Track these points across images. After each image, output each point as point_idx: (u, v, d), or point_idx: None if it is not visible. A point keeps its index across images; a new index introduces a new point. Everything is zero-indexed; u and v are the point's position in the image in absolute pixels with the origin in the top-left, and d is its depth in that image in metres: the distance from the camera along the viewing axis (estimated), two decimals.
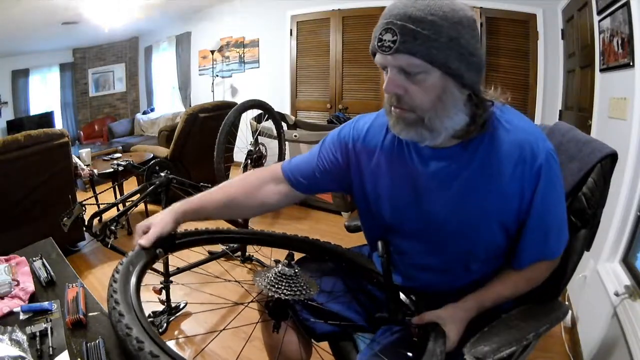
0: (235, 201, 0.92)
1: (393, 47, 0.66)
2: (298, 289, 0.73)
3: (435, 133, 0.71)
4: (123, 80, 6.52)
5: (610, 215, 1.41)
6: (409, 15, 0.65)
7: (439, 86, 0.68)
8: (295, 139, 3.28)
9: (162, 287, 1.78)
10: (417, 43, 0.65)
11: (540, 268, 0.80)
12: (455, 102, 0.70)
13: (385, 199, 0.86)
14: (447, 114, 0.70)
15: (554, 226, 0.77)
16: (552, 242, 0.78)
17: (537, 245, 0.77)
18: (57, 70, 5.92)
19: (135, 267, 0.73)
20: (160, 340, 0.57)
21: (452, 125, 0.71)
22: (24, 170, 2.07)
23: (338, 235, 2.79)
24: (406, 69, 0.68)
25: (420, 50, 0.65)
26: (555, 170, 0.74)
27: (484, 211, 0.75)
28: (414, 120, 0.71)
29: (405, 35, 0.65)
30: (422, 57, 0.65)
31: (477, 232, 0.77)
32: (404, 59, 0.66)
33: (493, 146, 0.74)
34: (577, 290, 1.69)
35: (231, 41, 4.94)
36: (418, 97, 0.69)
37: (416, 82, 0.68)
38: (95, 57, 6.17)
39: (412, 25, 0.64)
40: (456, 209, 0.77)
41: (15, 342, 0.71)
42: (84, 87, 6.21)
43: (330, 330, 0.94)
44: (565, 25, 2.86)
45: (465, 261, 0.82)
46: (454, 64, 0.66)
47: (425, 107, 0.69)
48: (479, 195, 0.75)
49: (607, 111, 1.71)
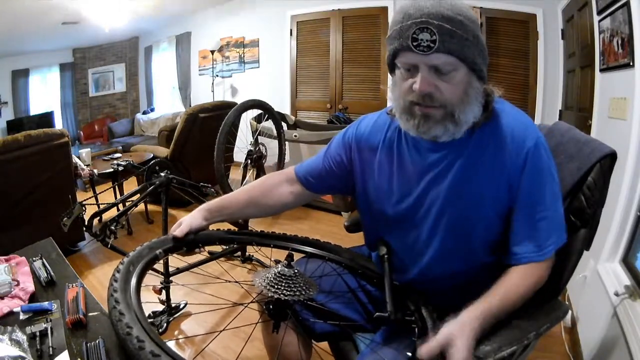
0: (254, 200, 0.99)
1: (433, 47, 0.67)
2: (297, 289, 0.73)
3: (460, 126, 0.75)
4: (123, 80, 6.52)
5: (610, 215, 1.41)
6: (442, 15, 0.67)
7: (466, 81, 0.72)
8: (295, 139, 3.28)
9: (162, 287, 1.78)
10: (453, 42, 0.68)
11: (533, 274, 0.76)
12: (477, 95, 0.75)
13: (387, 196, 0.87)
14: (471, 107, 0.74)
15: (544, 214, 0.75)
16: (542, 232, 0.75)
17: (525, 230, 0.76)
18: (57, 70, 5.93)
19: (136, 267, 0.74)
20: (159, 340, 0.57)
21: (472, 117, 0.75)
22: (24, 170, 2.07)
23: (338, 235, 2.79)
24: (441, 67, 0.70)
25: (457, 48, 0.68)
26: (543, 157, 0.75)
27: (477, 198, 0.77)
28: (443, 116, 0.73)
29: (444, 35, 0.67)
30: (457, 56, 0.69)
31: (473, 219, 0.78)
32: (442, 57, 0.69)
33: (486, 135, 0.77)
34: (577, 290, 1.69)
35: (231, 41, 4.94)
36: (449, 92, 0.72)
37: (447, 79, 0.71)
38: (95, 57, 6.17)
39: (448, 25, 0.67)
40: (452, 198, 0.79)
41: (15, 342, 0.71)
42: (84, 87, 6.21)
43: (330, 330, 0.94)
44: (565, 25, 2.86)
45: (466, 253, 0.82)
46: (478, 59, 0.72)
47: (455, 102, 0.72)
48: (473, 184, 0.77)
49: (607, 111, 1.71)
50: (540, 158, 0.74)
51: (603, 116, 1.79)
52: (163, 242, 0.85)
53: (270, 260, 0.97)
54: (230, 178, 2.25)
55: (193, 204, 2.17)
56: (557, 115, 2.98)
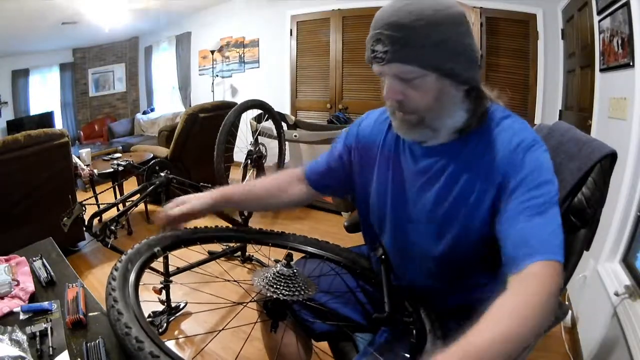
0: (269, 193, 0.99)
1: (385, 58, 0.68)
2: (296, 289, 0.73)
3: (437, 132, 0.74)
4: (123, 80, 6.52)
5: (610, 215, 1.41)
6: (395, 24, 0.66)
7: (436, 88, 0.70)
8: (295, 139, 3.28)
9: (162, 286, 1.78)
10: (407, 51, 0.66)
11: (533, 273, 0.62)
12: (454, 101, 0.72)
13: (383, 198, 0.87)
14: (446, 114, 0.72)
15: (540, 210, 0.66)
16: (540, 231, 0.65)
17: (520, 229, 0.66)
18: (57, 70, 5.93)
19: (134, 265, 0.73)
20: (159, 340, 0.56)
21: (452, 124, 0.74)
22: (24, 170, 2.07)
23: (338, 235, 2.78)
24: (402, 76, 0.69)
25: (412, 57, 0.67)
26: (540, 155, 0.70)
27: (467, 202, 0.74)
28: (416, 122, 0.73)
29: (395, 45, 0.66)
30: (414, 64, 0.67)
31: (465, 224, 0.75)
32: (398, 67, 0.68)
33: (480, 140, 0.74)
34: (577, 290, 1.69)
35: (231, 41, 4.94)
36: (417, 100, 0.71)
37: (414, 87, 0.70)
38: (95, 57, 6.17)
39: (399, 33, 0.66)
40: (442, 202, 0.77)
41: (15, 342, 0.71)
42: (84, 87, 6.21)
43: (329, 329, 0.94)
44: (565, 25, 2.86)
45: (460, 257, 0.80)
46: (446, 65, 0.68)
47: (425, 109, 0.72)
48: (463, 188, 0.74)
49: (607, 111, 1.71)
50: (539, 156, 0.70)
51: (603, 116, 1.79)
52: (161, 239, 0.84)
53: (270, 260, 0.97)
54: (230, 178, 2.25)
55: None
56: (557, 115, 2.98)
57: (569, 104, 2.75)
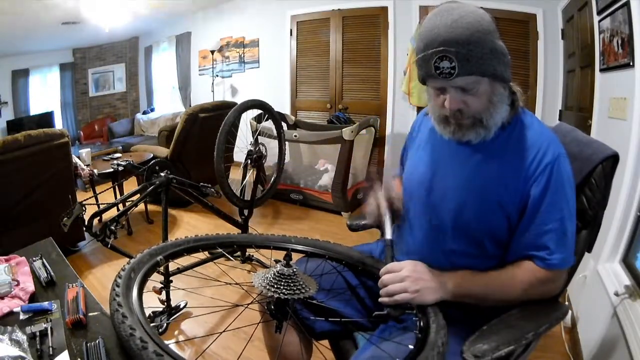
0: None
1: (454, 73, 0.73)
2: (297, 288, 0.73)
3: (489, 129, 0.81)
4: (123, 80, 6.52)
5: (610, 216, 1.41)
6: (456, 40, 0.72)
7: (490, 90, 0.78)
8: (295, 139, 3.28)
9: (162, 287, 1.78)
10: (471, 64, 0.73)
11: (532, 271, 0.80)
12: (503, 99, 0.80)
13: (419, 184, 0.93)
14: (497, 111, 0.80)
15: (554, 226, 0.77)
16: (549, 242, 0.78)
17: (530, 237, 0.79)
18: (57, 70, 5.93)
19: (137, 274, 0.74)
20: (162, 343, 0.57)
21: (500, 118, 0.81)
22: (24, 170, 2.07)
23: (338, 235, 2.79)
24: (465, 87, 0.76)
25: (475, 68, 0.73)
26: (563, 173, 0.78)
27: (483, 191, 0.81)
28: (473, 123, 0.80)
29: (462, 60, 0.72)
30: (477, 73, 0.74)
31: (481, 215, 0.82)
32: (463, 79, 0.75)
33: (511, 140, 0.82)
34: (577, 290, 1.69)
35: (231, 41, 4.94)
36: (476, 105, 0.78)
37: (472, 94, 0.77)
38: (95, 57, 6.17)
39: (464, 50, 0.72)
40: (463, 184, 0.84)
41: (15, 342, 0.71)
42: (84, 87, 6.21)
43: (330, 328, 0.94)
44: (565, 25, 2.86)
45: (469, 243, 0.84)
46: (498, 69, 0.76)
47: (482, 111, 0.79)
48: (485, 182, 0.82)
49: (607, 111, 1.71)
50: (561, 173, 0.77)
51: (603, 116, 1.79)
52: (163, 248, 0.86)
53: (271, 260, 0.97)
54: (230, 178, 2.25)
55: (193, 204, 2.17)
56: (557, 115, 2.98)
57: (569, 104, 2.74)
